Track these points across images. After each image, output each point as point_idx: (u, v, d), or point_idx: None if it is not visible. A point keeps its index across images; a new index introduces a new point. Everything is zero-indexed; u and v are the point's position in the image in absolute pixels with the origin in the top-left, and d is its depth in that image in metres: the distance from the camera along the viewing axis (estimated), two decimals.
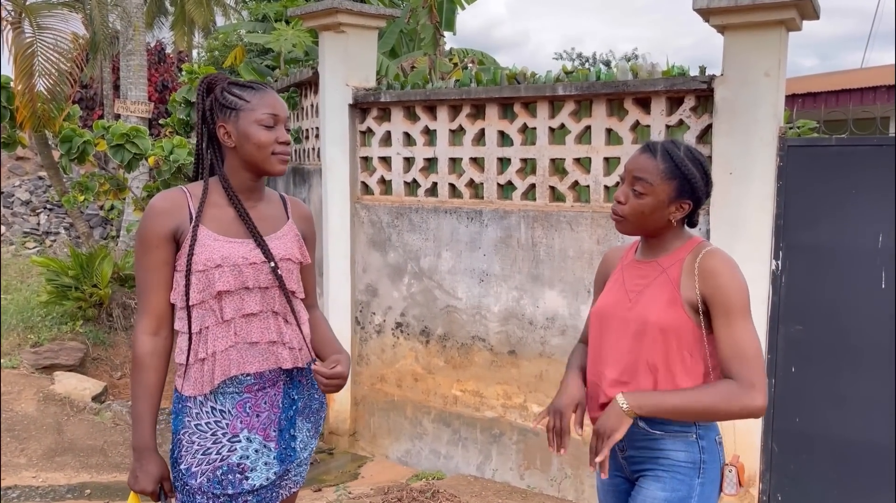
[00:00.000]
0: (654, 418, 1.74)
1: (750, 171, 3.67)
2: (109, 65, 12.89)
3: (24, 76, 5.85)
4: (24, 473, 4.58)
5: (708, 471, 1.79)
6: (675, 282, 1.77)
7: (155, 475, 1.78)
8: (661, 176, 1.76)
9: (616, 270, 1.95)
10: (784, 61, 3.66)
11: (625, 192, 1.80)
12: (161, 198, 1.83)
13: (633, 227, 1.81)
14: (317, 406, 1.96)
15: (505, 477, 4.56)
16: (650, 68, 4.07)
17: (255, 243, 1.81)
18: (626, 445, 1.84)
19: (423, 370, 4.93)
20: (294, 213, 1.95)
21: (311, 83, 5.73)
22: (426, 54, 8.97)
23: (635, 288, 1.84)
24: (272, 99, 1.82)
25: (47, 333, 6.44)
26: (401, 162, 4.98)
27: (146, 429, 1.77)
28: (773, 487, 3.75)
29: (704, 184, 1.80)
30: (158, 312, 1.78)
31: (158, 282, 1.78)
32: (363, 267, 5.18)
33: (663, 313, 1.76)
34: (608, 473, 1.83)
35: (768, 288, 3.69)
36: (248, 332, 1.79)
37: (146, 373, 1.76)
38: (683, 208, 1.79)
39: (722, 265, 1.74)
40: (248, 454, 1.79)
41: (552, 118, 4.34)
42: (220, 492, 1.77)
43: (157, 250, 1.77)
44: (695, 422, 1.77)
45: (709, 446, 1.80)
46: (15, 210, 11.48)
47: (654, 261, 1.84)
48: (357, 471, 4.85)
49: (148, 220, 1.79)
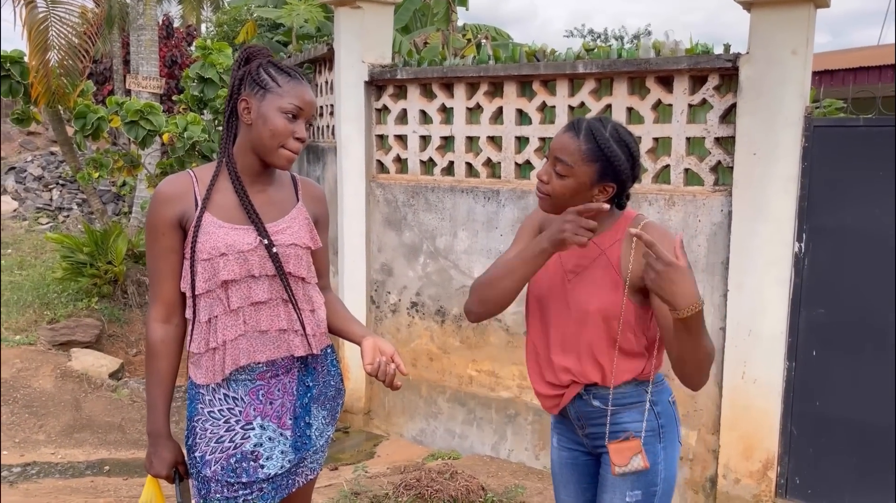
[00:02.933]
0: (606, 394, 1.77)
1: (774, 151, 3.60)
2: (119, 39, 12.81)
3: (38, 51, 5.81)
4: (44, 449, 4.62)
5: (667, 435, 1.83)
6: (616, 265, 1.75)
7: (169, 460, 1.79)
8: (582, 157, 1.69)
9: None
10: (812, 39, 3.58)
11: (547, 171, 1.75)
12: (167, 183, 1.79)
13: (556, 206, 1.75)
14: (332, 393, 1.93)
15: (520, 457, 4.58)
16: (673, 46, 3.99)
17: (256, 231, 1.77)
18: (585, 423, 1.84)
19: (439, 350, 4.92)
20: (305, 195, 1.90)
21: (325, 59, 5.67)
22: (439, 30, 8.87)
23: (574, 268, 1.80)
24: (304, 91, 1.75)
25: (63, 310, 6.47)
26: (417, 140, 4.94)
27: (159, 415, 1.78)
28: (792, 470, 3.74)
29: (630, 166, 1.72)
30: (169, 300, 1.77)
31: (167, 269, 1.76)
32: (378, 246, 5.16)
33: (605, 300, 1.73)
34: (566, 448, 1.92)
35: (790, 270, 3.65)
36: (258, 321, 1.76)
37: (158, 360, 1.77)
38: (607, 191, 1.73)
39: (659, 236, 1.69)
40: (262, 442, 1.77)
41: (572, 96, 4.28)
42: (234, 480, 1.75)
43: (164, 237, 1.75)
44: (645, 391, 1.79)
45: (664, 410, 1.82)
46: (28, 185, 11.50)
47: (591, 241, 1.74)
48: (373, 450, 4.88)
49: (154, 207, 1.76)
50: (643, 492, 1.79)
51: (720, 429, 3.86)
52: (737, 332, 3.76)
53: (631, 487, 1.78)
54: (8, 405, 4.80)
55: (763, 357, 3.72)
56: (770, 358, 3.71)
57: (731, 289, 3.76)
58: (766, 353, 3.71)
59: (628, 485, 1.78)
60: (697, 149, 3.95)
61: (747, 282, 3.72)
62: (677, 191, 3.93)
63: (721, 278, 3.81)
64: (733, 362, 3.78)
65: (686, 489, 4.03)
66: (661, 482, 1.81)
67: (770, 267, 3.67)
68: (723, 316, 3.80)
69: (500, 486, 3.60)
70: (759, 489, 3.78)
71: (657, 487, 1.81)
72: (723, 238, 3.79)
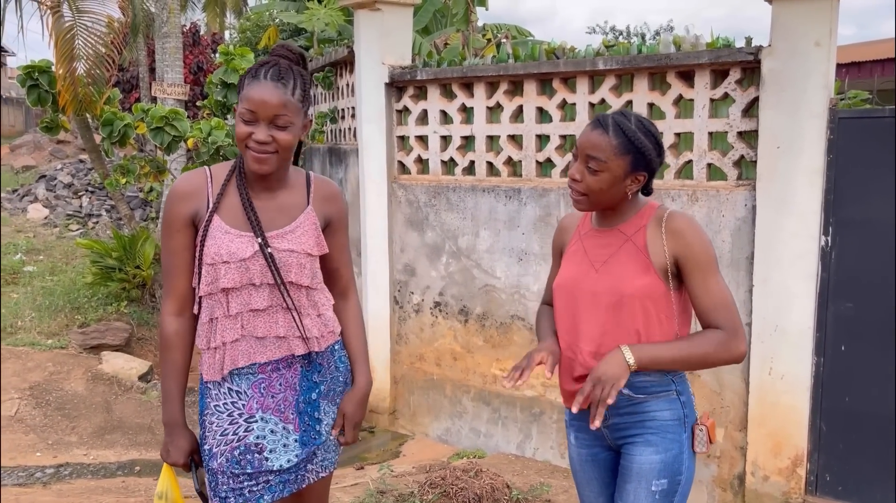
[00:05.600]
0: (636, 382, 1.79)
1: (798, 144, 3.56)
2: (145, 48, 13.01)
3: (65, 60, 5.93)
4: (76, 451, 4.71)
5: (691, 425, 1.85)
6: (644, 249, 1.79)
7: (185, 449, 1.84)
8: (614, 151, 1.75)
9: (573, 240, 1.94)
10: (835, 30, 3.53)
11: (579, 169, 1.80)
12: (183, 180, 1.81)
13: (593, 203, 1.82)
14: (341, 389, 1.93)
15: (545, 455, 4.56)
16: (693, 40, 3.97)
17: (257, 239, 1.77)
18: (610, 414, 1.84)
19: (462, 349, 4.93)
20: (316, 196, 1.87)
21: (346, 62, 5.71)
22: (459, 30, 8.89)
23: (600, 258, 1.84)
24: (257, 92, 1.69)
25: (93, 314, 6.59)
26: (437, 140, 4.95)
27: (175, 405, 1.82)
28: (822, 467, 3.69)
29: (657, 154, 1.80)
30: (181, 294, 1.80)
31: (180, 265, 1.79)
32: (401, 246, 5.18)
33: (639, 282, 1.77)
34: (585, 445, 1.93)
35: (817, 264, 3.60)
36: (255, 327, 1.78)
37: (172, 352, 1.81)
38: (639, 180, 1.80)
39: (688, 225, 1.78)
40: (265, 434, 1.79)
41: (592, 93, 4.26)
42: (239, 471, 1.78)
43: (178, 234, 1.78)
44: (673, 380, 1.82)
45: (687, 400, 1.85)
46: (58, 193, 11.72)
47: (615, 230, 1.84)
48: (398, 450, 4.90)
49: (169, 204, 1.79)
50: (669, 481, 1.79)
51: (748, 426, 3.81)
52: (763, 328, 3.72)
53: (658, 476, 1.78)
54: (41, 407, 4.91)
55: (790, 352, 3.67)
56: (798, 353, 3.66)
57: (757, 285, 3.72)
58: (793, 349, 3.66)
59: (655, 474, 1.78)
60: (720, 143, 3.92)
61: (773, 277, 3.67)
62: (700, 186, 3.90)
63: (746, 273, 3.77)
64: (760, 358, 3.74)
65: (714, 487, 4.00)
66: (686, 471, 1.82)
67: (796, 261, 3.62)
68: (749, 311, 3.76)
69: (525, 485, 3.60)
70: (788, 486, 3.73)
71: (682, 476, 1.81)
72: (747, 233, 3.75)
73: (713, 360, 1.77)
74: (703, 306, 1.76)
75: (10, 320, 6.22)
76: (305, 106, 1.77)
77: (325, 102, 6.55)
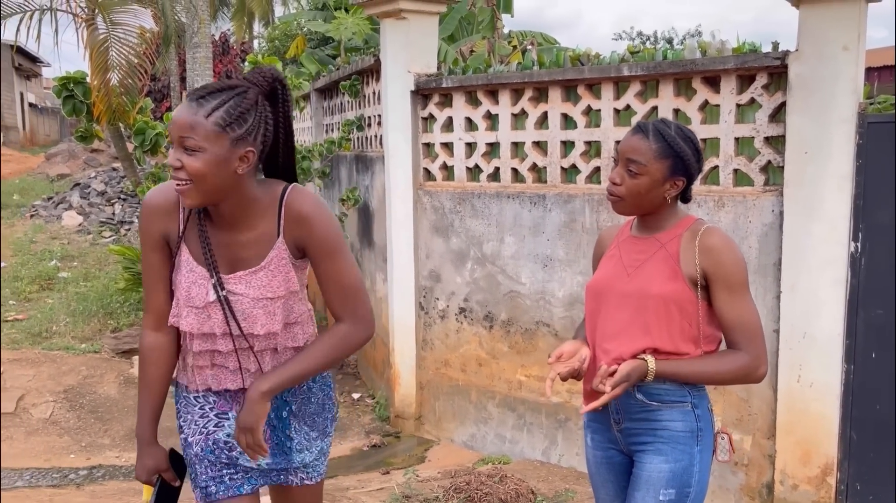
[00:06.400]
0: (651, 390, 1.82)
1: (827, 149, 3.53)
2: (176, 57, 13.26)
3: (100, 71, 6.09)
4: (108, 453, 4.81)
5: (705, 439, 1.86)
6: (675, 257, 1.83)
7: (149, 466, 1.80)
8: (654, 156, 1.80)
9: (612, 247, 1.99)
10: (864, 34, 3.49)
11: (619, 173, 1.84)
12: (156, 193, 1.70)
13: (631, 206, 1.86)
14: (313, 409, 1.85)
15: (571, 462, 4.55)
16: (719, 45, 3.95)
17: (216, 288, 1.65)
18: (623, 418, 1.87)
19: (487, 355, 4.95)
20: (287, 221, 1.65)
21: (372, 70, 5.77)
22: (484, 38, 8.92)
23: (633, 263, 1.88)
24: (176, 114, 1.57)
25: (125, 319, 6.72)
26: (463, 147, 4.98)
27: (143, 420, 1.79)
28: (852, 476, 3.63)
29: (696, 160, 1.85)
30: (159, 309, 1.75)
31: (156, 281, 1.73)
32: (426, 253, 5.22)
33: (666, 285, 1.81)
34: (601, 447, 1.95)
35: (846, 270, 3.56)
36: (224, 362, 1.74)
37: (147, 366, 1.77)
38: (678, 185, 1.85)
39: (722, 242, 1.81)
40: (233, 433, 1.76)
41: (617, 99, 4.26)
42: (215, 459, 1.77)
43: (151, 252, 1.72)
44: (689, 393, 1.84)
45: (703, 414, 1.86)
46: (91, 200, 11.97)
47: (651, 238, 1.88)
48: (423, 455, 4.92)
49: (143, 218, 1.71)
50: (677, 492, 1.80)
51: (776, 434, 3.77)
52: (791, 335, 3.68)
53: (666, 485, 1.79)
54: (75, 410, 5.03)
55: (819, 360, 3.63)
56: (827, 361, 3.62)
57: (785, 291, 3.69)
58: (822, 356, 3.62)
59: (663, 483, 1.79)
60: (746, 149, 3.89)
61: (801, 283, 3.64)
62: (726, 191, 3.88)
63: (773, 279, 3.74)
64: (788, 365, 3.70)
65: (742, 495, 3.96)
66: (695, 484, 1.82)
67: (825, 267, 3.58)
68: (776, 318, 3.72)
69: (550, 491, 3.61)
70: (818, 495, 3.68)
71: (691, 489, 1.82)
72: (774, 238, 3.72)
73: (731, 381, 1.88)
74: (728, 323, 1.81)
75: (46, 325, 6.37)
76: (231, 132, 1.54)
77: (352, 110, 6.63)
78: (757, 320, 1.82)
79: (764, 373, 1.82)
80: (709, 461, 1.88)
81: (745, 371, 1.79)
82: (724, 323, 1.81)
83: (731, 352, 1.82)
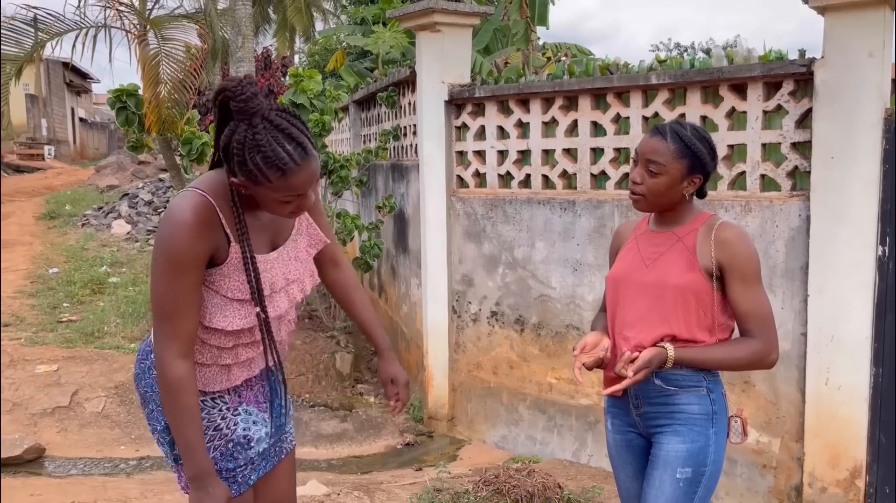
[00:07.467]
0: (669, 375, 1.93)
1: (853, 154, 3.58)
2: (220, 72, 13.69)
3: (151, 84, 6.39)
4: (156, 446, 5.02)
5: (719, 421, 1.96)
6: (692, 250, 1.94)
7: (223, 498, 1.69)
8: (672, 156, 1.92)
9: (629, 240, 2.11)
10: (890, 41, 3.54)
11: (640, 173, 1.97)
12: (195, 211, 1.61)
13: (651, 204, 1.98)
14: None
15: (600, 463, 4.62)
16: (746, 53, 4.03)
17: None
18: (642, 402, 1.98)
19: (518, 358, 5.05)
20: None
21: (408, 82, 5.95)
22: (519, 49, 9.06)
23: (651, 255, 2.00)
24: (299, 179, 1.58)
25: None
26: (495, 155, 5.12)
27: (201, 453, 1.68)
28: (881, 479, 3.64)
29: (711, 158, 1.96)
30: (188, 336, 1.66)
31: (190, 304, 1.64)
32: (459, 258, 5.35)
33: (683, 276, 1.92)
34: (620, 431, 2.07)
35: (874, 274, 3.59)
36: (250, 352, 1.85)
37: (187, 396, 1.65)
38: (695, 182, 1.96)
39: (737, 235, 1.93)
40: (249, 426, 1.86)
41: (646, 107, 4.36)
42: (233, 465, 1.83)
43: (194, 271, 1.62)
44: (704, 378, 1.94)
45: (717, 398, 1.97)
46: (139, 210, 12.41)
47: (668, 231, 2.00)
48: (455, 454, 5.04)
49: (185, 238, 1.60)
50: (693, 471, 1.90)
51: (804, 437, 3.80)
52: (819, 338, 3.72)
53: (683, 464, 1.89)
54: (125, 405, 5.27)
55: (847, 363, 3.66)
56: (855, 364, 3.64)
57: (812, 295, 3.73)
58: (850, 359, 3.65)
59: (680, 462, 1.89)
60: (773, 154, 3.95)
61: (829, 287, 3.68)
62: (753, 196, 3.94)
63: (801, 283, 3.78)
64: (816, 369, 3.74)
65: (770, 498, 3.98)
66: (710, 464, 1.93)
67: (852, 271, 3.62)
68: (804, 321, 3.76)
69: (577, 487, 3.69)
70: (846, 498, 3.70)
71: (706, 468, 1.92)
72: (801, 243, 3.77)
73: (745, 367, 1.97)
74: (741, 312, 1.92)
75: (98, 325, 6.66)
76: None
77: (389, 121, 6.83)
78: (769, 309, 1.93)
79: (775, 359, 1.92)
80: (723, 443, 1.98)
81: (758, 357, 1.91)
82: (738, 312, 1.92)
83: (745, 340, 1.93)
